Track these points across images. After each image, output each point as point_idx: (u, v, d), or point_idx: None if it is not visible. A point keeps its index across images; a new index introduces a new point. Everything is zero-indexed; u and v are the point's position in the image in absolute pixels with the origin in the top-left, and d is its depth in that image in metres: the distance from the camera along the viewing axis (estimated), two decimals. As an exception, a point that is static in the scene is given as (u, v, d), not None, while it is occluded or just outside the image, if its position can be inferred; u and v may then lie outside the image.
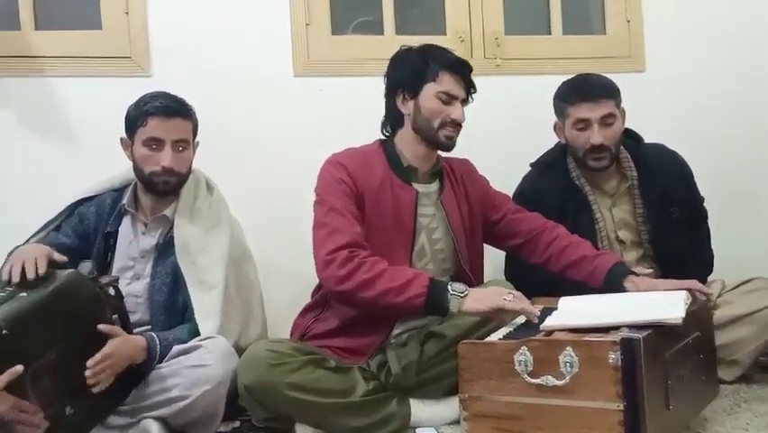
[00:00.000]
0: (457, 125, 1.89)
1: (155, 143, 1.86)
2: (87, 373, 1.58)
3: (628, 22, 2.73)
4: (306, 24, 2.49)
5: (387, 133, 1.98)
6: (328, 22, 2.52)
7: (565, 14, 2.71)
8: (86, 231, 1.94)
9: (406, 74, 1.90)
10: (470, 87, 1.92)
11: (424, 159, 1.94)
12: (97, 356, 1.60)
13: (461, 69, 1.89)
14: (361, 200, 1.85)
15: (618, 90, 2.13)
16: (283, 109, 2.47)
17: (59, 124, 2.33)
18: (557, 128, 2.21)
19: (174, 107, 1.88)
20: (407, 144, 1.93)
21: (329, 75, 2.50)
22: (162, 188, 1.90)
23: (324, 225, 1.80)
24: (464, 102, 1.91)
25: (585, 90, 2.10)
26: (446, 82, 1.87)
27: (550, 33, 2.72)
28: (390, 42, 2.21)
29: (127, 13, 2.36)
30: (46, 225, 1.98)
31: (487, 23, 2.61)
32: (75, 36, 2.36)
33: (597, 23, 2.79)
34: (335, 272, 1.73)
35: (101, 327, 1.64)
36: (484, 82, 1.97)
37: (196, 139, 1.98)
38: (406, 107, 1.91)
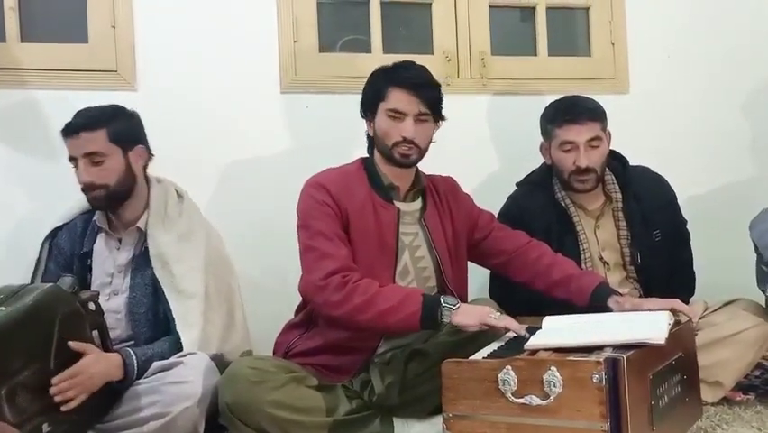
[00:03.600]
0: (410, 142, 1.85)
1: (73, 162, 1.86)
2: (53, 390, 1.55)
3: (613, 44, 2.77)
4: (294, 41, 2.49)
5: (370, 152, 1.98)
6: (316, 39, 2.53)
7: (551, 36, 2.75)
8: (66, 261, 1.92)
9: (366, 96, 1.91)
10: (433, 104, 1.87)
11: (399, 177, 1.93)
12: (64, 374, 1.58)
13: (412, 85, 1.85)
14: (345, 221, 1.84)
15: (605, 113, 2.15)
16: (269, 125, 2.47)
17: (43, 138, 2.30)
18: (543, 149, 2.22)
19: (76, 123, 1.84)
20: (381, 164, 1.93)
21: (316, 92, 2.51)
22: (95, 203, 1.88)
23: (312, 249, 1.80)
24: (422, 117, 1.85)
25: (572, 112, 2.11)
26: (394, 99, 1.85)
27: (536, 54, 2.75)
28: (378, 61, 2.22)
29: (114, 27, 2.36)
30: (35, 274, 1.93)
31: (473, 43, 2.64)
32: (61, 49, 2.35)
33: (582, 45, 2.83)
34: (329, 298, 1.73)
35: (71, 344, 1.61)
36: (470, 101, 1.99)
37: (138, 146, 1.90)
38: (371, 129, 1.92)
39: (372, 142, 1.94)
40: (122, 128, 1.89)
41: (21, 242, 1.98)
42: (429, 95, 1.86)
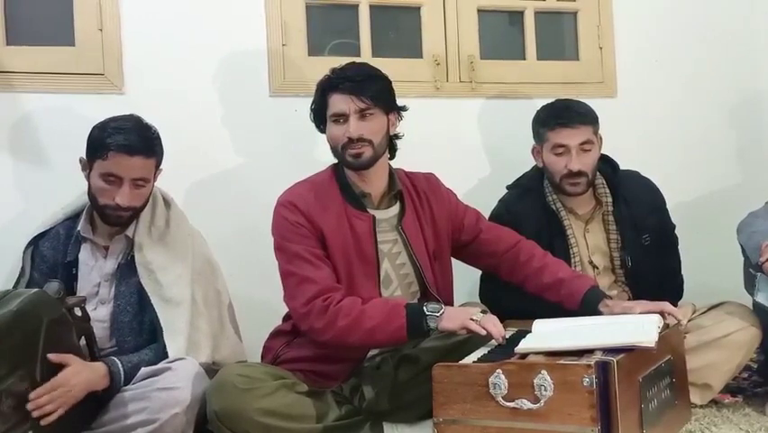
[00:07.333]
0: (358, 140, 1.80)
1: (113, 178, 1.79)
2: (29, 405, 1.53)
3: (601, 48, 2.78)
4: (283, 45, 2.48)
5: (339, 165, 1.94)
6: (305, 43, 2.52)
7: (539, 40, 2.75)
8: (49, 269, 1.87)
9: (315, 112, 1.90)
10: (375, 96, 1.80)
11: (369, 183, 1.89)
12: (42, 388, 1.56)
13: (345, 85, 1.81)
14: (321, 238, 1.81)
15: (597, 117, 2.16)
16: (258, 128, 2.46)
17: (29, 141, 2.28)
18: (535, 152, 2.23)
19: (137, 146, 1.78)
20: (348, 173, 1.90)
21: (305, 95, 2.49)
22: (114, 220, 1.84)
23: (292, 274, 1.78)
24: (366, 112, 1.80)
25: (564, 116, 2.12)
26: (332, 104, 1.83)
27: (524, 58, 2.75)
28: (367, 65, 2.21)
29: (101, 29, 2.34)
30: (18, 283, 1.88)
31: (462, 46, 2.64)
32: (47, 52, 2.32)
33: (570, 49, 2.84)
34: (314, 325, 1.73)
35: (51, 356, 1.59)
36: (459, 105, 1.98)
37: (160, 168, 1.90)
38: (327, 141, 1.89)
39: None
40: (162, 155, 1.89)
41: (7, 247, 1.95)
42: (367, 88, 1.81)
